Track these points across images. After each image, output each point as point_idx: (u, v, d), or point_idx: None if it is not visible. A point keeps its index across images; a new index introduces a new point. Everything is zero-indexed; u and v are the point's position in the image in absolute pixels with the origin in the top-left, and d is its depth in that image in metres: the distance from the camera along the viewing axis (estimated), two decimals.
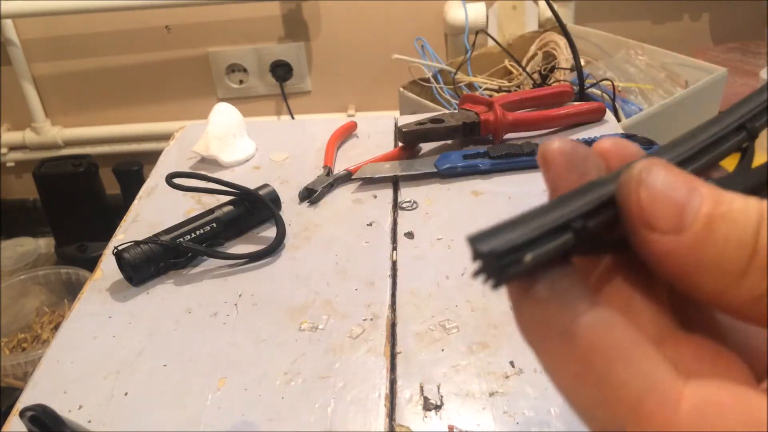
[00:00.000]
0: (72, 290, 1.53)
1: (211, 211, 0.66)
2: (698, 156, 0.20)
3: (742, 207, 0.17)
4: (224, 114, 0.84)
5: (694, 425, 0.15)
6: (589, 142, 0.75)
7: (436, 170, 0.74)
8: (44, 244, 1.89)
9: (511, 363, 0.50)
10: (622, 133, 0.77)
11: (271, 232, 0.67)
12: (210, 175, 0.72)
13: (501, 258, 0.16)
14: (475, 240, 0.17)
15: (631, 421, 0.16)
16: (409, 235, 0.66)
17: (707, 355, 0.18)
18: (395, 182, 0.74)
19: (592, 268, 0.20)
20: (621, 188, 0.18)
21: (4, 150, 1.92)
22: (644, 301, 0.19)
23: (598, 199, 0.18)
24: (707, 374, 0.18)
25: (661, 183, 0.17)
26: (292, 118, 1.82)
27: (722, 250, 0.16)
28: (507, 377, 0.49)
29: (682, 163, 0.19)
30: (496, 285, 0.17)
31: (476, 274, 0.17)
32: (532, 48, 1.27)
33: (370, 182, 0.74)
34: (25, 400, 0.50)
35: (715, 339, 0.19)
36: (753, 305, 0.16)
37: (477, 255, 0.16)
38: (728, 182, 0.19)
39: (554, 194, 0.19)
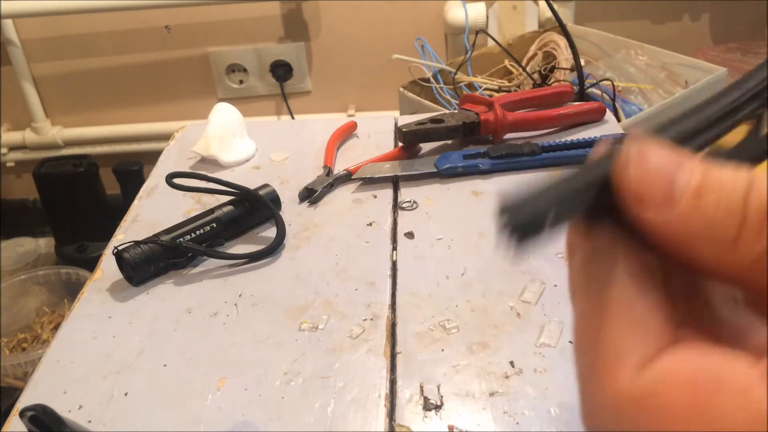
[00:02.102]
0: (72, 290, 1.53)
1: (211, 211, 0.66)
2: (704, 130, 0.20)
3: (730, 177, 0.17)
4: (224, 114, 0.84)
5: (646, 394, 0.17)
6: (589, 143, 0.75)
7: (436, 170, 0.74)
8: (44, 244, 1.89)
9: (511, 363, 0.50)
10: (621, 133, 0.77)
11: (271, 232, 0.67)
12: (210, 175, 0.72)
13: (524, 227, 0.19)
14: (504, 210, 0.19)
15: (598, 381, 0.18)
16: (409, 235, 0.66)
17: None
18: (395, 182, 0.74)
19: None
20: (615, 168, 0.19)
21: (4, 150, 1.92)
22: (645, 306, 0.19)
23: (596, 178, 0.20)
24: None
25: (650, 160, 0.18)
26: (292, 118, 1.82)
27: (712, 218, 0.17)
28: (507, 377, 0.49)
29: (685, 138, 0.20)
30: (519, 247, 0.19)
31: (503, 236, 0.19)
32: (532, 48, 1.27)
33: (370, 182, 0.74)
34: (25, 400, 0.50)
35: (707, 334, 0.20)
36: (750, 270, 0.17)
37: (504, 225, 0.19)
38: (737, 153, 0.20)
39: None
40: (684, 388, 0.16)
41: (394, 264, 0.62)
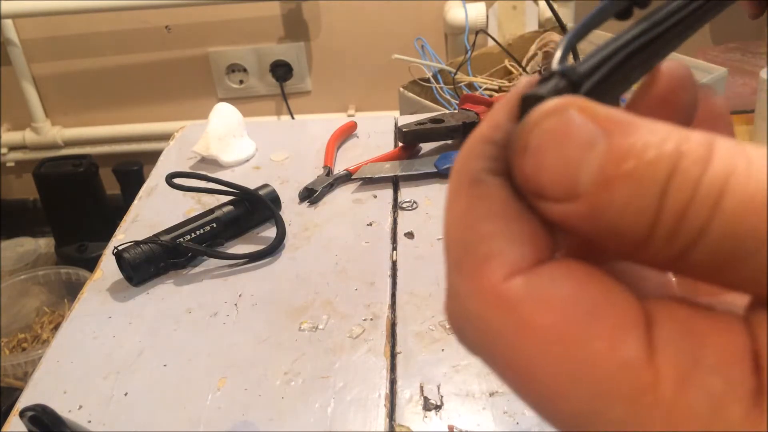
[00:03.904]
0: (72, 290, 1.53)
1: (211, 211, 0.66)
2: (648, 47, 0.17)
3: (652, 158, 0.13)
4: (224, 114, 0.84)
5: (515, 299, 0.14)
6: None
7: (436, 170, 0.74)
8: (44, 244, 1.89)
9: None
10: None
11: (271, 232, 0.67)
12: (210, 175, 0.72)
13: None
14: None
15: (463, 281, 0.15)
16: (409, 235, 0.66)
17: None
18: (395, 182, 0.74)
19: None
20: (508, 150, 0.15)
21: (4, 150, 1.92)
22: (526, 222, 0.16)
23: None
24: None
25: (551, 151, 0.14)
26: (292, 118, 1.82)
27: (619, 217, 0.13)
28: None
29: (625, 62, 0.16)
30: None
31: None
32: (532, 48, 1.27)
33: (370, 182, 0.74)
34: (25, 400, 0.50)
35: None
36: (666, 269, 0.14)
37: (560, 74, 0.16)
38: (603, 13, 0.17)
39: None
40: (556, 315, 0.14)
41: (394, 264, 0.62)
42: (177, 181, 0.68)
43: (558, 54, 0.16)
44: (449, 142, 0.80)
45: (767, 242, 0.12)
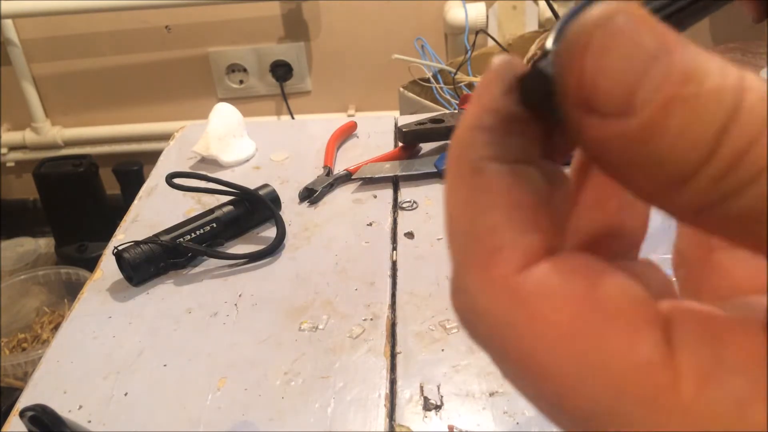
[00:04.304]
0: (72, 290, 1.53)
1: (211, 211, 0.66)
2: None
3: (716, 88, 0.12)
4: (224, 114, 0.84)
5: (534, 296, 0.14)
6: None
7: (436, 170, 0.74)
8: (44, 244, 1.89)
9: None
10: None
11: (271, 232, 0.67)
12: (210, 175, 0.72)
13: None
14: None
15: (472, 274, 0.14)
16: (409, 235, 0.66)
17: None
18: (395, 182, 0.74)
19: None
20: (563, 49, 0.13)
21: (4, 150, 1.92)
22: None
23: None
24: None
25: (618, 51, 0.12)
26: (292, 118, 1.82)
27: (671, 145, 0.12)
28: None
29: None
30: None
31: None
32: (532, 48, 1.27)
33: (370, 182, 0.74)
34: (25, 400, 0.50)
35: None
36: (692, 216, 0.13)
37: None
38: None
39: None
40: (572, 310, 0.13)
41: (394, 264, 0.62)
42: (177, 181, 0.68)
43: (553, 33, 0.15)
44: (449, 142, 0.80)
45: None
